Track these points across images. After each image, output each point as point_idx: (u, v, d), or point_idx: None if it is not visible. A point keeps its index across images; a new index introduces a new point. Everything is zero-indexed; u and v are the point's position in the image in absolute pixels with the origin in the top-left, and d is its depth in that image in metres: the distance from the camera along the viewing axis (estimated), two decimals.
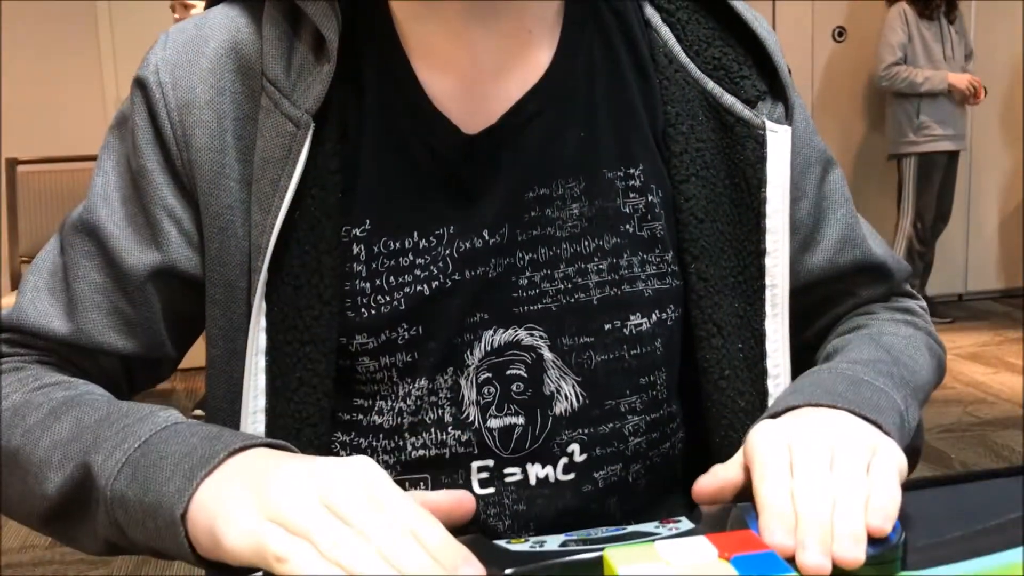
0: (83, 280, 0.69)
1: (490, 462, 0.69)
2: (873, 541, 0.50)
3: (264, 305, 0.66)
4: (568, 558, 0.49)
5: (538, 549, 0.51)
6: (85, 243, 0.70)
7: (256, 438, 0.57)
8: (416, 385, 0.68)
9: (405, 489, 0.68)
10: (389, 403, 0.68)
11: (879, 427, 0.60)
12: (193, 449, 0.56)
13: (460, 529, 0.68)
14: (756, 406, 0.71)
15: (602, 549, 0.50)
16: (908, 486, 0.64)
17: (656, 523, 0.54)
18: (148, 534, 0.56)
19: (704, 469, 0.73)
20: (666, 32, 0.73)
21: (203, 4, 0.74)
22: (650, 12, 0.74)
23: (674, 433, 0.74)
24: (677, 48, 0.73)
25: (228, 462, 0.54)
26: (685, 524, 0.53)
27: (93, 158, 0.70)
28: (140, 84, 0.70)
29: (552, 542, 0.52)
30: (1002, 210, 5.19)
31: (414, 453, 0.68)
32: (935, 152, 4.47)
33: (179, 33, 0.71)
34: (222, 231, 0.67)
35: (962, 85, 4.40)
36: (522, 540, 0.53)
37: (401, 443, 0.68)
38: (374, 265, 0.67)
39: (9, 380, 0.67)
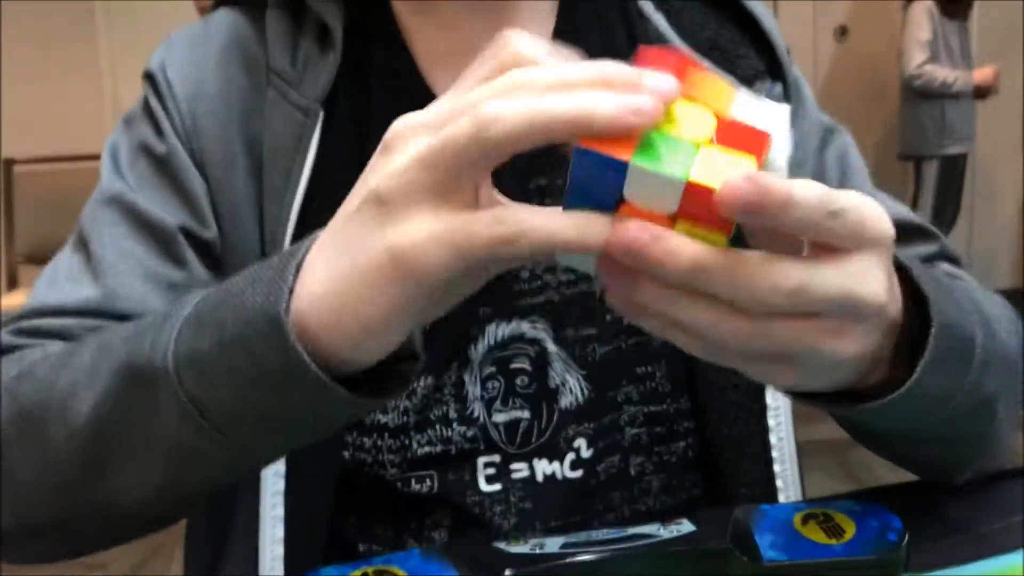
0: (111, 247, 0.65)
1: (496, 458, 0.69)
2: (877, 540, 0.50)
3: None
4: (568, 560, 0.49)
5: (538, 551, 0.51)
6: (107, 213, 0.66)
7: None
8: (422, 384, 0.67)
9: (411, 487, 0.68)
10: (394, 402, 0.68)
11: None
12: (267, 263, 0.45)
13: (462, 530, 0.69)
14: (750, 399, 0.71)
15: (603, 551, 0.50)
16: (911, 488, 0.64)
17: (658, 525, 0.53)
18: (242, 380, 0.43)
19: (707, 468, 0.73)
20: (658, 18, 0.73)
21: None
22: (643, 2, 0.74)
23: (690, 433, 0.73)
24: (670, 32, 0.72)
25: (317, 245, 0.43)
26: (687, 526, 0.53)
27: (91, 158, 0.70)
28: (148, 76, 0.70)
29: (552, 544, 0.52)
30: (1004, 210, 5.19)
31: (419, 451, 0.68)
32: (956, 155, 4.40)
33: (182, 36, 0.72)
34: (237, 222, 0.67)
35: (989, 76, 4.35)
36: (522, 542, 0.53)
37: (407, 441, 0.68)
38: None
39: (11, 365, 0.58)
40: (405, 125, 0.41)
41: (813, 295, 0.37)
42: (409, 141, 0.40)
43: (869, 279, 0.38)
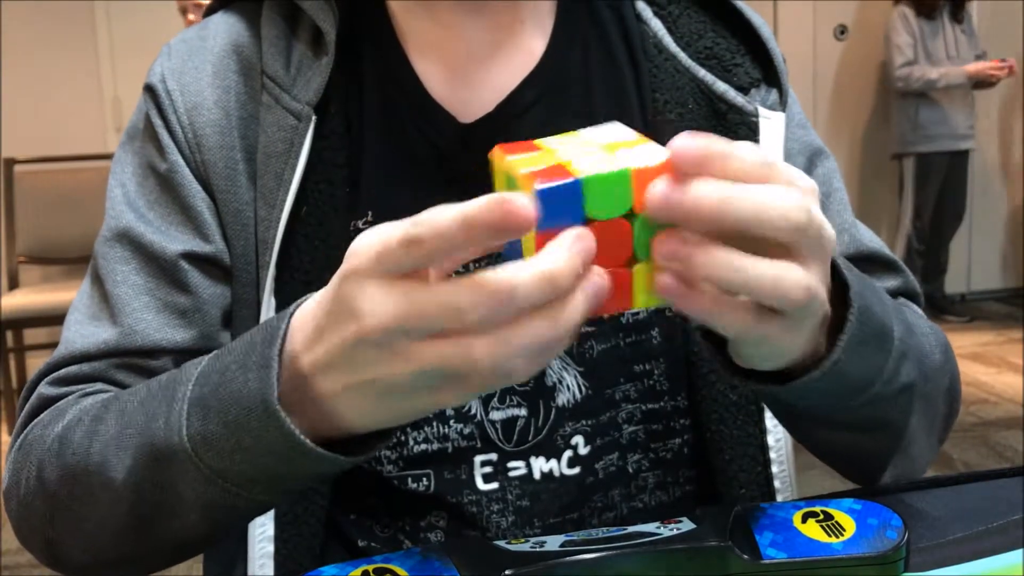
0: (123, 284, 0.67)
1: (493, 456, 0.69)
2: (877, 538, 0.50)
3: (274, 301, 0.66)
4: (568, 559, 0.49)
5: (538, 549, 0.51)
6: (117, 250, 0.68)
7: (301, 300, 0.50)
8: None
9: (407, 486, 0.69)
10: None
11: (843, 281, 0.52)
12: (251, 345, 0.50)
13: (459, 529, 0.69)
14: (749, 399, 0.71)
15: (603, 550, 0.50)
16: (911, 486, 0.64)
17: (658, 523, 0.53)
18: (253, 456, 0.49)
19: (704, 467, 0.73)
20: (657, 24, 0.73)
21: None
22: (641, 6, 0.74)
23: (686, 430, 0.73)
24: (668, 39, 0.73)
25: (293, 326, 0.48)
26: (687, 524, 0.53)
27: (90, 158, 0.70)
28: (149, 89, 0.71)
29: (552, 542, 0.52)
30: (1005, 209, 5.18)
31: (416, 448, 0.68)
32: (932, 153, 4.49)
33: (181, 43, 0.72)
34: (244, 228, 0.67)
35: (984, 69, 4.40)
36: (522, 540, 0.53)
37: (403, 438, 0.68)
38: None
39: (52, 419, 0.64)
40: (363, 265, 0.42)
41: (786, 212, 0.42)
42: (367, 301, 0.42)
43: (817, 211, 0.44)
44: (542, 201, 0.40)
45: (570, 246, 0.40)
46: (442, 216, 0.39)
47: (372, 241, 0.42)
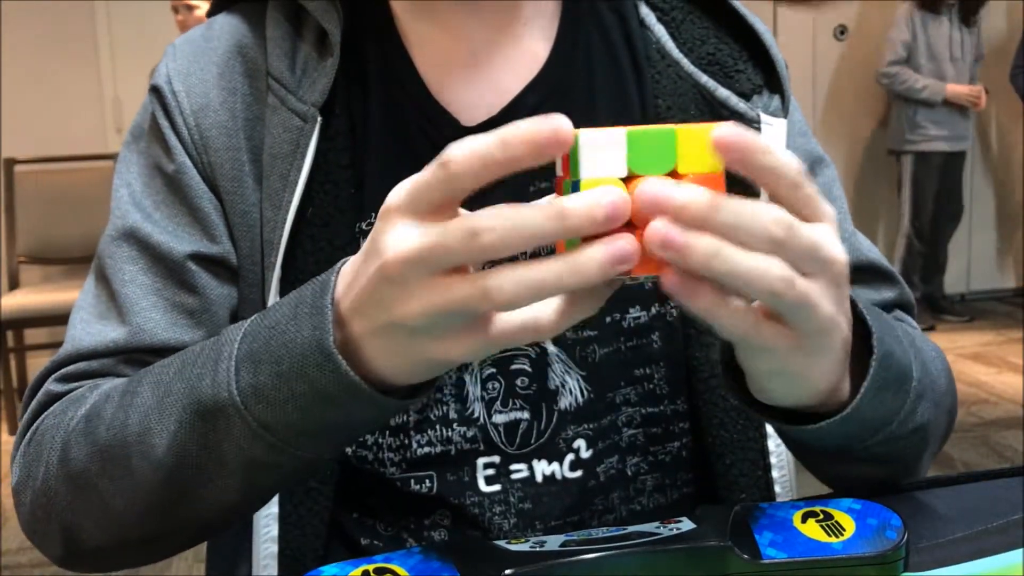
0: (131, 283, 0.67)
1: (496, 459, 0.69)
2: (877, 538, 0.50)
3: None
4: (568, 559, 0.49)
5: (538, 549, 0.51)
6: (124, 249, 0.68)
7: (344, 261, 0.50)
8: None
9: (410, 487, 0.69)
10: None
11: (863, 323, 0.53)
12: (300, 298, 0.50)
13: (462, 530, 0.69)
14: None
15: (603, 549, 0.50)
16: (911, 486, 0.64)
17: (657, 523, 0.53)
18: (305, 403, 0.49)
19: (704, 471, 0.73)
20: (660, 30, 0.73)
21: (206, 4, 0.75)
22: (645, 11, 0.74)
23: (684, 434, 0.73)
24: (671, 44, 0.73)
25: (340, 276, 0.48)
26: (687, 524, 0.53)
27: (90, 158, 0.70)
28: (155, 91, 0.71)
29: (552, 542, 0.52)
30: (1004, 209, 5.18)
31: (419, 451, 0.68)
32: (930, 152, 4.49)
33: (185, 44, 0.72)
34: (250, 229, 0.68)
35: (962, 95, 4.41)
36: (522, 540, 0.53)
37: (406, 441, 0.68)
38: None
39: (68, 406, 0.63)
40: (398, 209, 0.43)
41: (799, 233, 0.42)
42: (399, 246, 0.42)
43: (833, 240, 0.44)
44: (585, 147, 0.42)
45: (593, 193, 0.40)
46: (476, 138, 0.40)
47: (407, 181, 0.43)
